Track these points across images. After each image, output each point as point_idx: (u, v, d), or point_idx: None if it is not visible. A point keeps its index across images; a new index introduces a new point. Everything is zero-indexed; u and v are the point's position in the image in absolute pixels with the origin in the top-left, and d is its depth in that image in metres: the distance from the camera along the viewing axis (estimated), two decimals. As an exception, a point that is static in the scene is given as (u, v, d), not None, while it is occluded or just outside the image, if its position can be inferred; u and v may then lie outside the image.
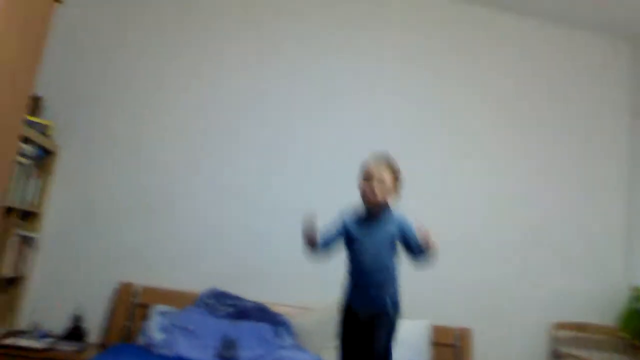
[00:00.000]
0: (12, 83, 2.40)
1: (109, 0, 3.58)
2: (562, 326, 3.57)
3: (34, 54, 2.60)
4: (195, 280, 3.32)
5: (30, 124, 2.97)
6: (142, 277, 3.30)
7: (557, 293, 3.67)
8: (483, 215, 3.69)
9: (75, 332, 3.13)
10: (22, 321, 3.19)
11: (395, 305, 2.30)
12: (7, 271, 2.96)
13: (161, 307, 3.12)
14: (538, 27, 3.99)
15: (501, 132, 3.83)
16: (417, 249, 2.25)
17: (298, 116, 3.64)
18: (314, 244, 2.33)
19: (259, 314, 3.14)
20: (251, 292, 3.29)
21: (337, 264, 3.46)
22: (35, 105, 3.17)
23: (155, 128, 3.49)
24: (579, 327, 3.55)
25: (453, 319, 3.47)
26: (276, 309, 3.23)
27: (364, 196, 2.32)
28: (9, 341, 2.85)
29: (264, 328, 3.05)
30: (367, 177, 2.32)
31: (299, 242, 3.45)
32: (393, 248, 2.30)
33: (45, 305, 3.22)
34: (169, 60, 3.58)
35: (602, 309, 3.65)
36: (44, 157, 3.24)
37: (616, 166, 3.91)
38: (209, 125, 3.54)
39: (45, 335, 3.05)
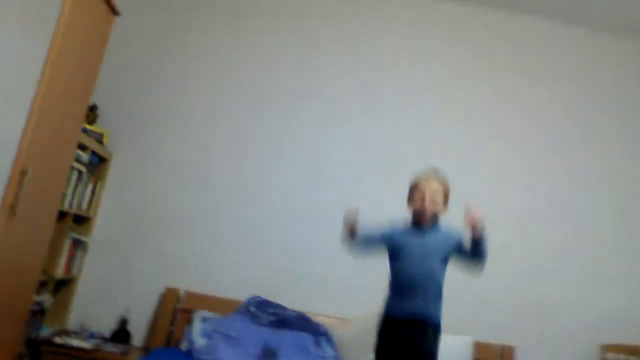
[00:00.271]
0: (72, 92, 2.53)
1: (161, 11, 3.72)
2: (611, 348, 3.43)
3: (93, 65, 2.73)
4: (237, 288, 3.37)
5: (87, 132, 3.10)
6: (186, 283, 3.37)
7: (608, 313, 3.53)
8: (533, 230, 3.60)
9: (121, 335, 3.22)
10: (72, 321, 3.30)
11: (438, 320, 2.27)
12: (59, 273, 3.08)
13: (204, 313, 3.17)
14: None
15: (549, 152, 3.75)
16: (470, 253, 2.25)
17: (343, 128, 3.67)
18: (352, 234, 2.36)
19: (301, 323, 3.15)
20: (293, 302, 3.31)
21: (378, 276, 3.47)
22: (91, 113, 3.31)
23: (204, 138, 3.59)
24: (630, 350, 3.40)
25: (496, 336, 3.38)
26: (317, 319, 3.23)
27: (414, 209, 2.35)
28: (59, 340, 2.95)
29: (305, 338, 3.05)
30: (417, 190, 2.35)
31: (341, 254, 3.49)
32: (440, 262, 2.29)
33: (93, 307, 3.33)
34: (221, 71, 3.68)
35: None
36: (97, 164, 3.38)
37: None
38: (256, 138, 3.61)
39: (92, 336, 3.15)
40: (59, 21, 2.24)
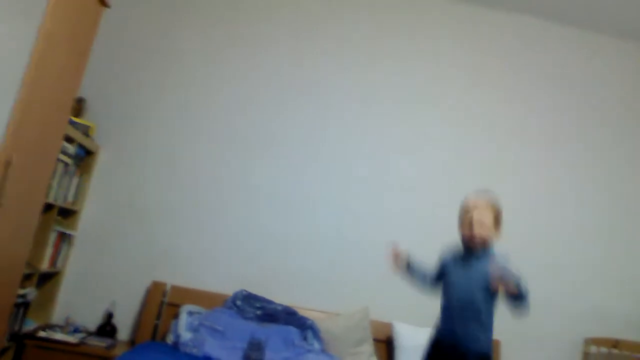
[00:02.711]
0: (59, 84, 2.51)
1: (151, 3, 3.70)
2: (595, 342, 3.49)
3: (80, 57, 2.71)
4: (223, 282, 3.37)
5: (73, 124, 3.08)
6: (173, 277, 3.37)
7: (592, 308, 3.59)
8: (518, 227, 3.63)
9: (106, 329, 3.21)
10: (56, 315, 3.28)
11: (482, 350, 2.18)
12: (44, 266, 3.05)
13: (190, 307, 3.16)
14: None
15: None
16: (511, 294, 2.11)
17: (331, 121, 3.68)
18: (404, 267, 2.38)
19: (287, 317, 3.16)
20: (279, 296, 3.32)
21: (363, 271, 3.50)
22: (78, 106, 3.28)
23: (191, 132, 3.58)
24: (613, 343, 3.46)
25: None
26: (303, 313, 3.24)
27: (465, 237, 2.28)
28: (44, 334, 2.93)
29: (292, 331, 3.06)
30: (466, 215, 2.28)
31: (327, 248, 3.51)
32: (485, 292, 2.18)
33: (78, 301, 3.31)
34: (206, 64, 3.66)
35: (637, 325, 3.55)
36: (84, 157, 3.35)
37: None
38: (241, 130, 3.61)
39: (77, 330, 3.13)
40: (46, 11, 2.23)
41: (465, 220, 2.27)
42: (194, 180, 3.52)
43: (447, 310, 2.27)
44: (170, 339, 3.00)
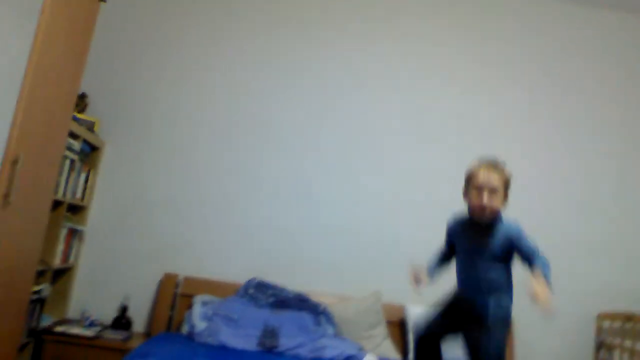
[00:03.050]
0: (59, 81, 2.50)
1: (148, -1, 3.67)
2: (608, 317, 3.48)
3: (79, 53, 2.70)
4: (235, 271, 3.39)
5: (77, 120, 3.08)
6: (184, 268, 3.39)
7: (603, 283, 3.58)
8: (530, 204, 3.62)
9: (122, 322, 3.24)
10: (71, 310, 3.31)
11: (499, 315, 2.13)
12: (57, 262, 3.08)
13: (203, 297, 3.18)
14: None
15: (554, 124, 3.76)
16: (530, 263, 2.06)
17: (335, 109, 3.66)
18: (424, 282, 2.35)
19: (300, 303, 3.18)
20: (290, 283, 3.33)
21: (374, 255, 3.50)
22: (81, 102, 3.28)
23: (194, 123, 3.57)
24: (626, 317, 3.45)
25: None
26: (315, 299, 3.26)
27: (473, 207, 2.17)
28: (60, 329, 2.96)
29: (305, 317, 3.07)
30: (474, 184, 2.16)
31: (337, 234, 3.51)
32: (500, 259, 2.14)
33: (92, 296, 3.34)
34: (208, 56, 3.64)
35: (650, 298, 3.55)
36: (90, 153, 3.36)
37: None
38: (246, 120, 3.60)
39: (93, 324, 3.17)
40: (43, 8, 2.21)
41: (474, 191, 2.15)
42: (201, 171, 3.52)
43: (460, 279, 2.25)
44: (185, 330, 3.02)
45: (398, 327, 3.38)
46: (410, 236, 3.51)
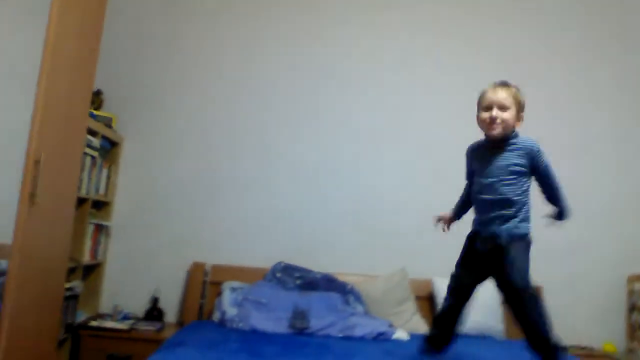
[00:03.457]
0: (75, 78, 2.51)
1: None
2: (639, 278, 3.43)
3: (92, 49, 2.71)
4: (260, 256, 3.41)
5: (95, 117, 3.10)
6: (211, 257, 3.41)
7: (634, 245, 3.51)
8: (556, 164, 3.55)
9: (154, 313, 3.29)
10: (104, 305, 3.37)
11: (517, 235, 2.08)
12: (86, 259, 3.13)
13: (232, 283, 3.22)
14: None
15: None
16: (549, 191, 2.16)
17: (357, 90, 3.63)
18: (454, 219, 2.37)
19: (328, 284, 3.19)
20: (316, 265, 3.34)
21: (398, 231, 3.49)
22: (97, 98, 3.30)
23: (211, 111, 3.58)
24: (658, 278, 3.41)
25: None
26: (342, 279, 3.27)
27: (484, 125, 2.14)
28: (95, 323, 3.03)
29: (333, 297, 3.09)
30: (486, 106, 2.13)
31: (360, 212, 3.50)
32: (516, 178, 2.09)
33: (123, 289, 3.39)
34: (225, 48, 3.63)
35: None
36: (110, 149, 3.39)
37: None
38: (265, 104, 3.59)
39: (126, 317, 3.22)
40: (51, 7, 2.21)
41: (482, 110, 2.13)
42: (222, 157, 3.54)
43: (478, 207, 2.20)
44: (216, 317, 3.06)
45: (427, 301, 3.37)
46: (436, 209, 3.47)
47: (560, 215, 2.25)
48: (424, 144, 3.58)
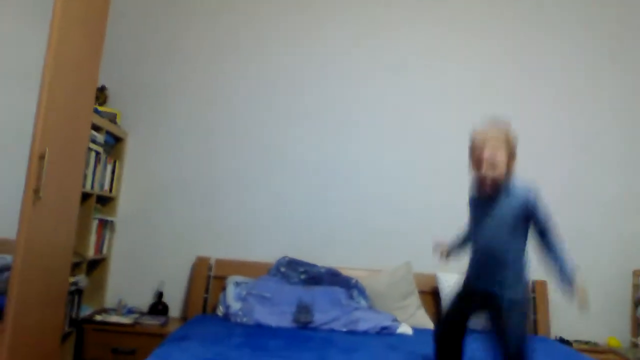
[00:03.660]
0: (78, 74, 2.51)
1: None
2: (644, 273, 3.42)
3: (95, 46, 2.70)
4: (264, 251, 3.42)
5: (99, 113, 3.10)
6: (215, 251, 3.42)
7: (638, 238, 3.51)
8: (558, 162, 3.56)
9: (158, 307, 3.30)
10: (108, 299, 3.39)
11: (514, 296, 1.95)
12: (91, 254, 3.14)
13: (236, 278, 3.22)
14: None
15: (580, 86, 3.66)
16: (546, 239, 1.96)
17: (364, 87, 3.62)
18: (450, 254, 2.29)
19: (331, 278, 3.20)
20: (320, 259, 3.35)
21: (402, 226, 3.49)
22: (101, 94, 3.30)
23: (216, 106, 3.57)
24: (664, 272, 3.40)
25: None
26: (346, 273, 3.27)
27: (476, 166, 1.98)
28: (100, 318, 3.04)
29: (337, 291, 3.09)
30: (474, 152, 1.98)
31: (363, 207, 3.50)
32: (510, 232, 1.95)
33: (128, 284, 3.41)
34: (228, 45, 3.62)
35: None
36: (114, 144, 3.40)
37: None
38: (269, 100, 3.58)
39: (130, 312, 3.24)
40: (55, 5, 2.21)
41: (474, 160, 1.97)
42: (226, 153, 3.54)
43: (474, 255, 2.08)
44: (220, 311, 3.07)
45: (431, 296, 3.37)
46: (439, 204, 3.48)
47: (562, 279, 1.94)
48: (431, 139, 3.58)
